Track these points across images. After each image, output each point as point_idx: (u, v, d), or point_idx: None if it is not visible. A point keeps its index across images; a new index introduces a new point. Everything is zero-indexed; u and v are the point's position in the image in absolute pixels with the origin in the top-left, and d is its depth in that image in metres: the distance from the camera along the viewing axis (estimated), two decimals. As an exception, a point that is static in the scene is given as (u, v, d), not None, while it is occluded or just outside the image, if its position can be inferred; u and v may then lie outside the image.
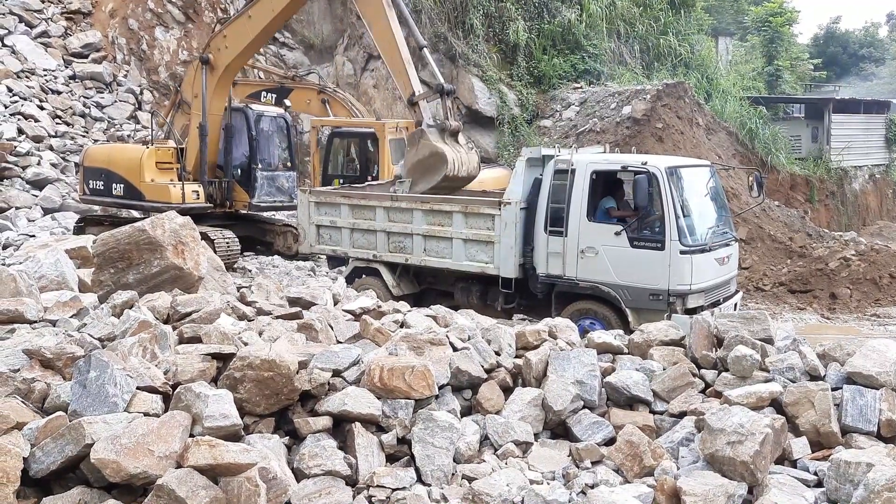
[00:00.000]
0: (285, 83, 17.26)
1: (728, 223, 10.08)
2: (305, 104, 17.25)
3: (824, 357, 5.18)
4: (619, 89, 19.32)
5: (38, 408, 4.21)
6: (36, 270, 6.90)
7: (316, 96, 16.96)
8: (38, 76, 21.57)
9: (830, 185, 23.31)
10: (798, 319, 13.20)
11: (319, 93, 16.94)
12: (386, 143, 15.81)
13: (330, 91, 17.02)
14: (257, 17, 13.49)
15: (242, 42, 13.90)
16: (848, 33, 46.89)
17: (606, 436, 4.90)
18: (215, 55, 14.25)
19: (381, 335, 5.64)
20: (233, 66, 14.42)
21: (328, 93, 16.89)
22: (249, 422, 4.46)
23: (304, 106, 17.45)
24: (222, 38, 14.21)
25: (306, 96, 17.09)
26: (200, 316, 5.56)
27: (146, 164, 14.34)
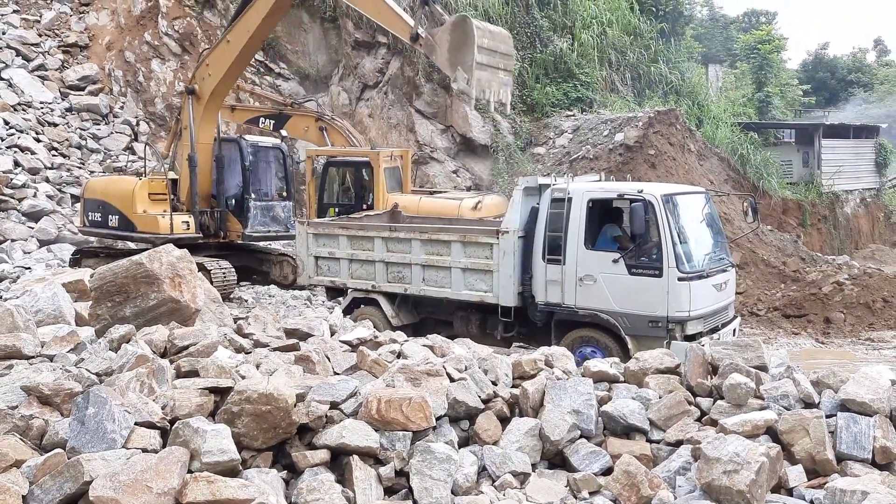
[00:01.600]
0: (284, 110, 17.39)
1: (724, 249, 10.15)
2: (303, 131, 17.37)
3: (818, 384, 5.21)
4: (612, 116, 19.50)
5: (37, 445, 4.22)
6: (33, 304, 6.93)
7: (314, 124, 17.08)
8: (34, 109, 21.71)
9: (822, 210, 23.48)
10: (793, 344, 13.23)
11: (317, 120, 17.07)
12: (381, 172, 15.90)
13: (328, 119, 17.14)
14: (235, 41, 13.79)
15: (223, 67, 14.13)
16: (836, 59, 47.47)
17: (604, 465, 4.92)
18: (200, 85, 14.47)
19: (379, 366, 5.67)
20: (217, 93, 14.56)
21: (326, 120, 17.02)
22: (247, 456, 4.46)
23: (301, 133, 17.56)
24: (205, 66, 14.45)
25: (304, 123, 17.22)
26: (198, 349, 5.58)
27: (138, 195, 14.43)
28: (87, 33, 25.30)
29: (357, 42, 21.52)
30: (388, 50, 21.04)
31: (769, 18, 47.86)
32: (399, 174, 16.80)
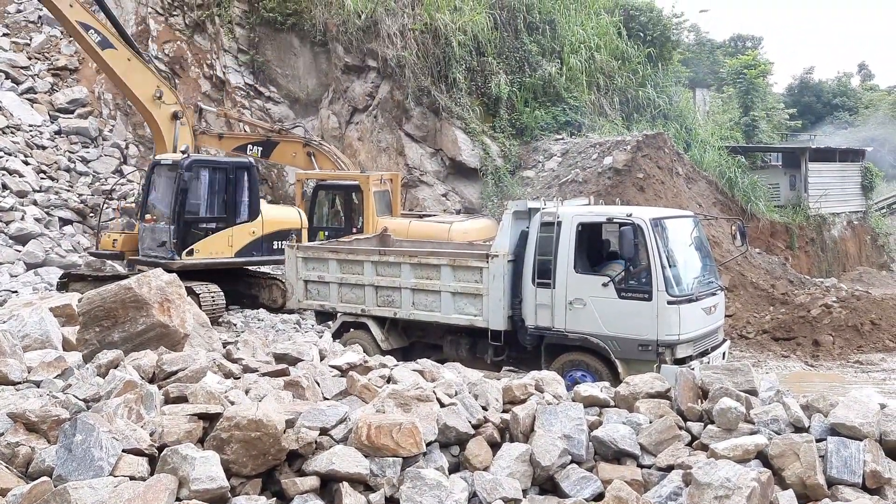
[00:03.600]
0: (271, 136, 17.52)
1: (713, 272, 10.21)
2: (291, 157, 17.47)
3: (808, 408, 5.23)
4: (600, 140, 19.66)
5: (23, 472, 4.17)
6: (20, 329, 6.87)
7: (301, 149, 17.19)
8: (23, 131, 21.66)
9: (810, 232, 23.65)
10: (782, 367, 13.26)
11: (305, 146, 17.18)
12: (370, 196, 15.95)
13: (315, 144, 17.26)
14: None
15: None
16: (821, 83, 48.12)
17: (595, 491, 4.90)
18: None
19: (368, 392, 5.64)
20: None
21: (314, 146, 17.14)
22: (236, 483, 4.43)
23: (290, 159, 17.65)
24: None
25: (292, 149, 17.33)
26: (186, 374, 5.54)
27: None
28: (77, 56, 25.32)
29: (347, 66, 21.65)
30: (377, 74, 21.19)
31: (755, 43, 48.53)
32: (389, 197, 16.86)
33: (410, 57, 20.19)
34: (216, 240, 14.74)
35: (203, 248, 14.61)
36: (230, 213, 14.91)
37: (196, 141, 17.67)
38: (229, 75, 23.10)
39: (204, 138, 18.17)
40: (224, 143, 18.12)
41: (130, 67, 15.71)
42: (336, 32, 21.44)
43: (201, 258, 14.55)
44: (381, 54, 20.55)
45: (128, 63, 15.68)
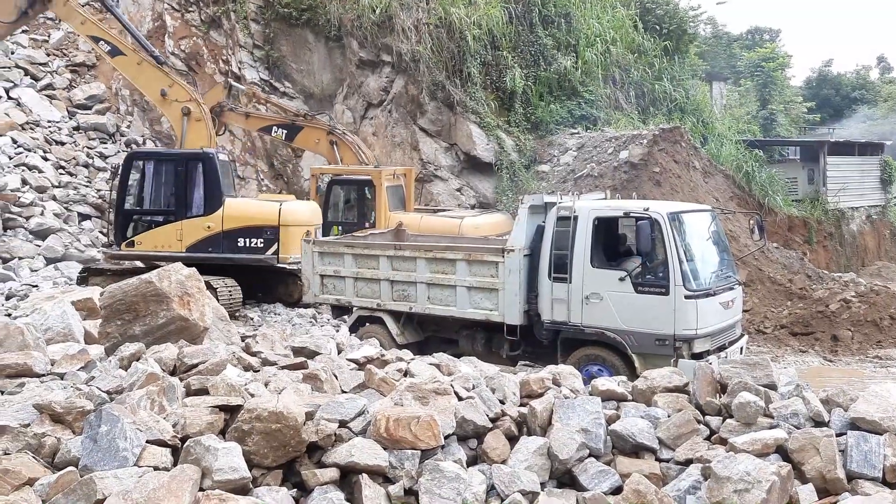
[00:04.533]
0: (296, 121, 17.44)
1: (731, 267, 10.16)
2: (314, 143, 17.43)
3: (828, 402, 5.21)
4: (616, 134, 19.57)
5: (49, 463, 4.24)
6: (42, 322, 6.97)
7: (325, 137, 17.11)
8: (42, 128, 21.85)
9: (828, 227, 23.46)
10: (800, 362, 13.19)
11: (329, 133, 17.10)
12: (382, 190, 15.96)
13: (339, 133, 17.13)
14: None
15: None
16: (840, 76, 47.59)
17: (613, 484, 4.91)
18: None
19: (386, 385, 5.68)
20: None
21: (337, 134, 17.02)
22: (257, 474, 4.48)
23: (312, 145, 17.62)
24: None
25: (315, 136, 17.26)
26: (207, 367, 5.60)
27: None
28: (95, 53, 25.50)
29: (361, 61, 21.67)
30: (392, 69, 21.19)
31: (773, 36, 48.12)
32: (402, 192, 16.87)
33: (425, 51, 20.17)
34: (161, 233, 14.47)
35: (146, 241, 14.53)
36: (179, 206, 14.59)
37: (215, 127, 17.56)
38: (245, 71, 23.17)
39: (231, 115, 18.02)
40: (250, 122, 18.06)
41: (139, 70, 15.87)
42: (350, 27, 21.45)
43: (142, 250, 14.56)
44: (395, 49, 20.54)
45: (137, 67, 15.83)
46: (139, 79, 16.16)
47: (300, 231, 14.24)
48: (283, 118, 17.54)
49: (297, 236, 14.05)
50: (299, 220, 14.52)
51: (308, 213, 15.06)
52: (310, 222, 14.80)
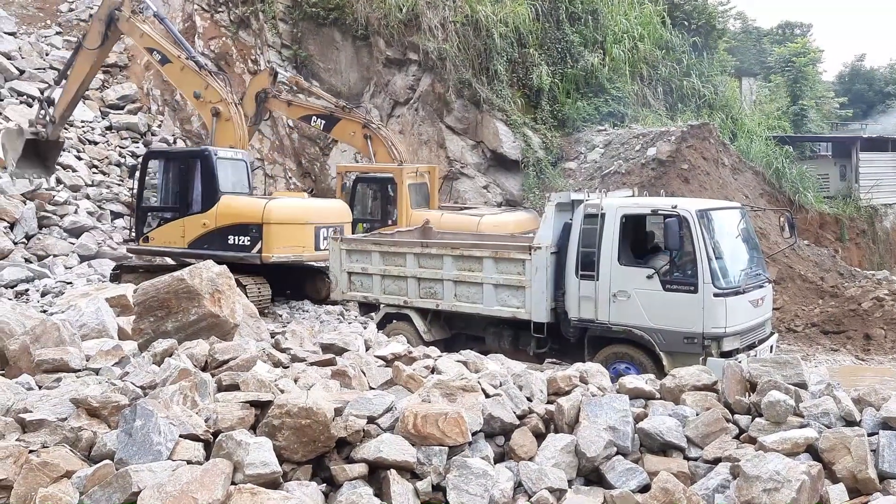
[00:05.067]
0: (335, 112, 17.54)
1: (761, 264, 10.07)
2: (350, 136, 17.56)
3: (859, 402, 5.16)
4: (644, 131, 19.44)
5: (86, 456, 4.34)
6: (77, 319, 7.11)
7: (360, 130, 17.17)
8: (76, 127, 22.23)
9: (861, 224, 23.07)
10: (832, 361, 13.02)
11: (364, 127, 17.16)
12: (404, 188, 16.01)
13: (373, 127, 17.15)
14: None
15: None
16: (873, 71, 46.81)
17: (641, 482, 4.90)
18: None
19: (414, 381, 5.72)
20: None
21: (371, 129, 17.07)
22: (287, 469, 4.54)
23: (348, 137, 17.74)
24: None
25: (351, 128, 17.34)
26: (237, 363, 5.69)
27: None
28: (127, 54, 25.90)
29: (388, 59, 21.76)
30: (418, 67, 21.24)
31: (804, 30, 47.35)
32: (426, 190, 16.90)
33: (451, 49, 20.20)
34: (169, 229, 14.93)
35: (158, 237, 15.04)
36: (182, 203, 14.98)
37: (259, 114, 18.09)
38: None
39: (274, 102, 18.19)
40: (291, 110, 18.21)
41: (182, 75, 16.22)
42: (377, 26, 21.54)
43: (154, 246, 15.13)
44: (422, 47, 20.60)
45: (180, 72, 16.18)
46: (182, 83, 16.58)
47: (286, 229, 14.09)
48: (322, 109, 17.65)
49: (283, 234, 13.98)
50: (284, 218, 14.24)
51: (297, 211, 14.68)
52: (298, 220, 14.39)
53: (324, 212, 15.09)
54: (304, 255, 14.39)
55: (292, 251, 14.16)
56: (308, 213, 14.74)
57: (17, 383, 5.24)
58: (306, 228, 14.36)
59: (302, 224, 14.36)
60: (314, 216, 14.67)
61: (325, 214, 14.94)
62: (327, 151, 22.95)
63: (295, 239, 14.18)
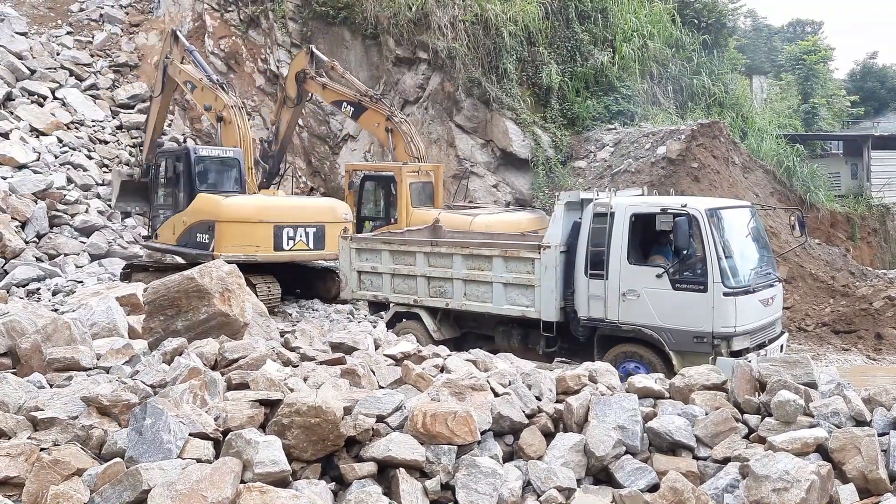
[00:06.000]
0: (363, 101, 17.56)
1: (771, 264, 10.04)
2: (374, 126, 17.58)
3: (870, 402, 5.13)
4: (654, 130, 19.37)
5: (96, 454, 4.36)
6: (88, 318, 7.15)
7: (384, 122, 17.20)
8: (86, 127, 22.35)
9: (872, 223, 22.93)
10: (843, 360, 12.95)
11: (387, 119, 17.18)
12: (404, 187, 16.00)
13: (396, 121, 17.10)
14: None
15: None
16: (885, 68, 46.42)
17: (650, 482, 4.89)
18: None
19: (423, 380, 5.73)
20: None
21: (394, 122, 17.06)
22: (297, 467, 4.56)
23: (372, 127, 17.78)
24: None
25: (376, 119, 17.34)
26: (247, 362, 5.71)
27: None
28: (137, 53, 26.03)
29: (398, 58, 21.77)
30: (428, 66, 21.24)
31: (815, 28, 47.09)
32: (430, 189, 16.89)
33: (461, 48, 20.19)
34: (167, 227, 15.63)
35: (161, 234, 15.89)
36: (175, 201, 15.60)
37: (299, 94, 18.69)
38: (283, 69, 23.41)
39: (312, 84, 18.36)
40: (326, 93, 18.31)
41: (202, 94, 16.92)
42: (387, 25, 21.56)
43: (159, 243, 15.97)
44: (431, 46, 20.60)
45: (201, 92, 16.87)
46: (199, 100, 17.33)
47: (238, 227, 13.92)
48: (352, 96, 17.68)
49: (235, 232, 13.84)
50: (235, 216, 14.05)
51: (250, 210, 14.31)
52: (251, 218, 14.07)
53: (292, 211, 14.66)
54: (257, 255, 13.86)
55: (243, 250, 13.69)
56: (264, 211, 14.33)
57: (28, 381, 5.27)
58: (261, 227, 14.00)
59: (255, 223, 14.02)
60: (272, 215, 14.26)
61: (293, 214, 14.51)
62: (337, 150, 22.99)
63: (247, 238, 13.85)
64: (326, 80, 18.14)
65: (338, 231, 13.58)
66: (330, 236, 14.34)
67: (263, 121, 23.85)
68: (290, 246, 14.16)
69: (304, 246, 14.42)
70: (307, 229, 14.41)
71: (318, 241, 14.54)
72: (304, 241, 14.38)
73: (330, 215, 14.79)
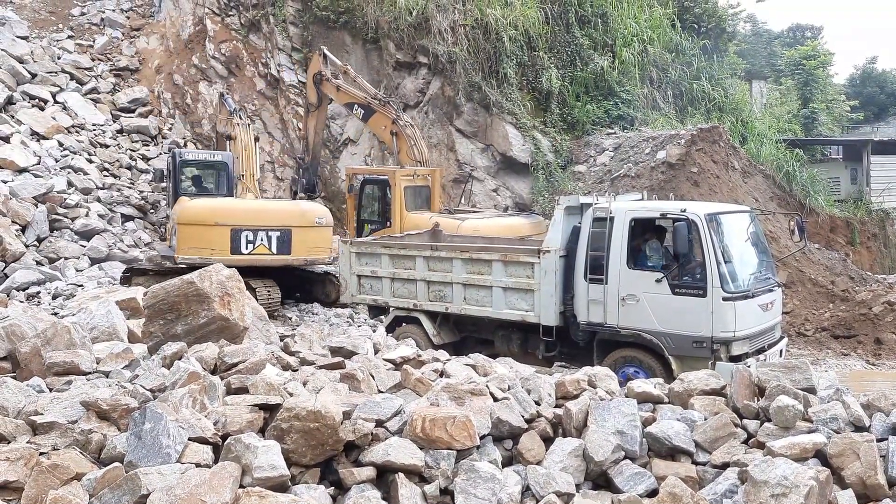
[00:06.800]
0: (372, 104, 17.70)
1: (770, 268, 10.04)
2: (381, 129, 17.76)
3: (868, 407, 5.13)
4: (653, 134, 19.39)
5: (95, 458, 4.37)
6: (88, 322, 7.16)
7: (390, 125, 17.31)
8: (87, 131, 22.39)
9: (872, 227, 22.92)
10: (842, 365, 12.95)
11: (393, 122, 17.28)
12: (398, 190, 16.05)
13: (401, 124, 17.21)
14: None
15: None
16: (885, 73, 46.47)
17: (648, 487, 4.89)
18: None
19: (422, 385, 5.73)
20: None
21: (399, 125, 17.17)
22: (296, 472, 4.56)
23: (380, 130, 17.95)
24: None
25: (383, 122, 17.50)
26: (247, 366, 5.71)
27: None
28: (138, 57, 26.09)
29: (398, 63, 21.81)
30: (428, 70, 21.29)
31: (815, 33, 47.13)
32: (427, 193, 16.93)
33: (461, 53, 20.23)
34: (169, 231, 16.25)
35: (168, 239, 16.26)
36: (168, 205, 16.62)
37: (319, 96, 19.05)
38: (283, 73, 23.49)
39: (327, 86, 18.59)
40: (339, 96, 18.52)
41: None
42: (387, 29, 21.61)
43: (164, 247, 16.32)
44: (431, 50, 20.64)
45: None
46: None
47: (195, 230, 13.89)
48: (363, 98, 17.83)
49: (193, 235, 13.83)
50: (192, 219, 14.04)
51: (205, 213, 14.21)
52: (207, 221, 13.96)
53: (253, 214, 14.41)
54: (212, 258, 13.30)
55: (199, 253, 13.61)
56: (220, 214, 14.19)
57: (28, 386, 5.27)
58: (217, 230, 13.89)
59: (211, 225, 13.92)
60: (229, 218, 14.09)
61: (253, 217, 14.29)
62: (337, 154, 23.02)
63: (204, 241, 13.80)
64: (340, 83, 18.32)
65: (309, 235, 13.49)
66: (298, 241, 14.11)
67: (264, 125, 23.90)
68: (250, 250, 13.85)
69: (265, 250, 14.02)
70: (269, 233, 14.06)
71: (283, 245, 14.11)
72: (265, 245, 14.02)
73: (298, 219, 14.47)
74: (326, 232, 14.68)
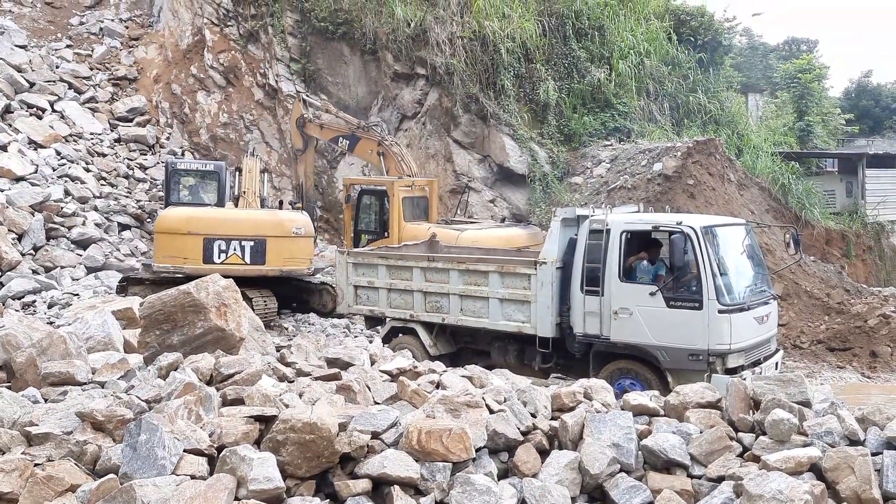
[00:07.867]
0: (356, 132, 18.30)
1: (766, 281, 10.07)
2: (368, 154, 18.44)
3: (863, 421, 5.14)
4: (650, 146, 19.46)
5: (90, 470, 4.35)
6: (84, 331, 7.13)
7: (376, 147, 17.69)
8: (85, 139, 22.42)
9: (867, 240, 22.99)
10: (838, 378, 12.97)
11: (378, 144, 17.62)
12: (396, 201, 16.14)
13: (386, 144, 17.76)
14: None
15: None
16: (880, 87, 46.67)
17: (644, 500, 4.89)
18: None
19: (419, 397, 5.73)
20: None
21: (385, 146, 17.57)
22: (291, 484, 4.55)
23: (367, 155, 18.54)
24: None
25: (369, 146, 18.14)
26: (243, 377, 5.70)
27: None
28: (136, 66, 26.15)
29: (396, 74, 21.88)
30: (426, 81, 21.36)
31: (810, 47, 47.32)
32: (425, 203, 17.04)
33: (459, 64, 20.31)
34: None
35: None
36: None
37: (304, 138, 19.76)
38: (281, 84, 23.54)
39: (311, 127, 19.32)
40: (324, 133, 19.22)
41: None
42: (385, 41, 21.69)
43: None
44: (429, 62, 20.72)
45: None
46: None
47: (169, 239, 13.97)
48: (346, 129, 18.51)
49: (167, 244, 13.93)
50: (166, 228, 14.20)
51: (178, 222, 14.28)
52: (180, 230, 14.05)
53: (227, 224, 14.39)
54: (185, 267, 13.68)
55: (173, 262, 13.81)
56: (193, 223, 14.23)
57: (23, 396, 5.26)
58: (190, 239, 13.94)
59: (184, 234, 13.97)
60: (202, 227, 14.12)
61: (227, 227, 14.27)
62: (335, 164, 23.05)
63: (177, 249, 13.89)
64: (323, 121, 18.93)
65: (285, 245, 13.46)
66: (274, 251, 14.05)
67: (262, 134, 23.94)
68: (222, 259, 13.82)
69: (238, 260, 14.00)
70: (243, 242, 14.02)
71: (257, 255, 14.08)
72: (238, 255, 14.01)
73: (274, 229, 14.40)
74: (305, 242, 14.53)
